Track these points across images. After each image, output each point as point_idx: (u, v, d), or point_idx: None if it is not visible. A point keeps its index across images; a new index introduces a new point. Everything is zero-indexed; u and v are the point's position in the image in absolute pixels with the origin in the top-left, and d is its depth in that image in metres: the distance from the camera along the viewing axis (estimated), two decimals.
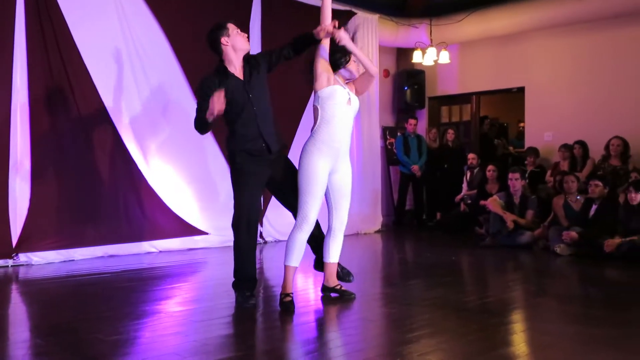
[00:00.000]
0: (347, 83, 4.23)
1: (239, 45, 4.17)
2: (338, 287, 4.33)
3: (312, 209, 4.01)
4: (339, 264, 4.38)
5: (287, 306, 3.92)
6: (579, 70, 8.52)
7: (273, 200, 7.54)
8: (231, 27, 4.19)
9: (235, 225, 4.09)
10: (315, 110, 4.08)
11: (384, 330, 3.68)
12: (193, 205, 6.91)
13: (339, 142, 4.04)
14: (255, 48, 7.47)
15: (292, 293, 4.01)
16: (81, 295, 4.54)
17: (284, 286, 4.02)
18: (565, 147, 8.02)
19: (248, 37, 4.29)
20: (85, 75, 6.08)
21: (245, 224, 4.06)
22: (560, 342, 3.30)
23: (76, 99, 6.02)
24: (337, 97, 4.04)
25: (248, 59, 4.22)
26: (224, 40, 4.15)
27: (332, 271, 4.32)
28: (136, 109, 6.48)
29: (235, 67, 4.16)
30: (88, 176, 6.13)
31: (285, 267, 4.04)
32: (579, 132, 8.11)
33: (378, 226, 8.95)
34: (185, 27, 6.80)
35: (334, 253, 4.28)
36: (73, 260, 5.88)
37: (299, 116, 7.81)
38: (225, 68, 4.15)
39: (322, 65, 4.12)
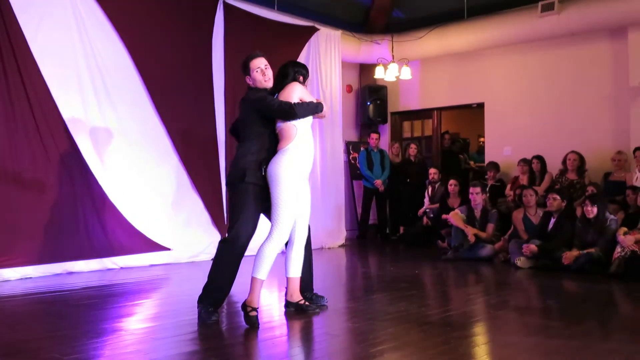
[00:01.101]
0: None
1: (258, 85, 4.26)
2: (301, 302, 4.32)
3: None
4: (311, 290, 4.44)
5: (253, 321, 3.89)
6: (536, 86, 8.74)
7: None
8: (252, 65, 4.23)
9: (231, 241, 4.02)
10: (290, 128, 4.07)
11: (348, 344, 3.68)
12: (154, 220, 6.81)
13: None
14: (219, 60, 7.47)
15: (257, 308, 3.97)
16: (38, 313, 4.42)
17: (250, 300, 3.98)
18: (524, 161, 8.20)
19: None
20: (44, 88, 5.96)
21: (243, 243, 4.02)
22: (521, 353, 3.35)
23: (34, 113, 5.88)
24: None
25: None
26: (247, 80, 4.30)
27: (294, 286, 4.30)
28: (96, 123, 6.38)
29: None
30: (47, 191, 5.99)
31: (253, 278, 4.01)
32: (537, 146, 8.30)
33: (342, 240, 8.97)
34: (146, 39, 6.76)
35: (293, 267, 4.27)
36: (30, 278, 5.73)
37: None
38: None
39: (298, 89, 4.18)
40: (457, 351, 3.41)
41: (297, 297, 4.32)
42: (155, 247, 6.75)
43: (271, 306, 4.69)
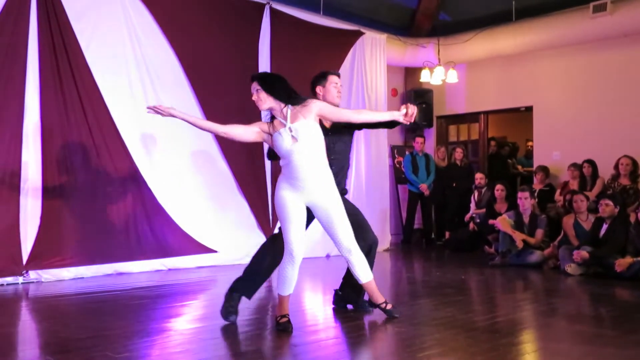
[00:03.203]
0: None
1: (329, 99, 4.34)
2: (383, 305, 4.27)
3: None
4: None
5: (285, 326, 3.90)
6: (587, 89, 8.53)
7: None
8: (331, 79, 4.40)
9: (280, 247, 4.03)
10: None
11: (394, 349, 3.66)
12: (202, 223, 6.92)
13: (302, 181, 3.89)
14: (265, 64, 7.55)
15: (287, 314, 3.96)
16: (90, 312, 4.54)
17: (279, 309, 3.99)
18: (574, 166, 8.01)
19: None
20: (97, 93, 6.15)
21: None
22: None
23: (87, 117, 6.08)
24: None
25: None
26: (318, 89, 4.40)
27: (370, 290, 4.27)
28: (146, 127, 6.53)
29: None
30: (98, 194, 6.17)
31: (279, 296, 4.02)
32: (588, 151, 8.10)
33: (386, 245, 8.93)
34: (195, 45, 6.89)
35: (358, 274, 4.17)
36: (82, 277, 5.90)
37: None
38: None
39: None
40: (505, 358, 3.35)
41: (380, 299, 4.28)
42: (203, 249, 6.86)
43: (317, 310, 4.70)
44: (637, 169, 7.43)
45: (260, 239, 7.39)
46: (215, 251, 6.96)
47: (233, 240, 7.13)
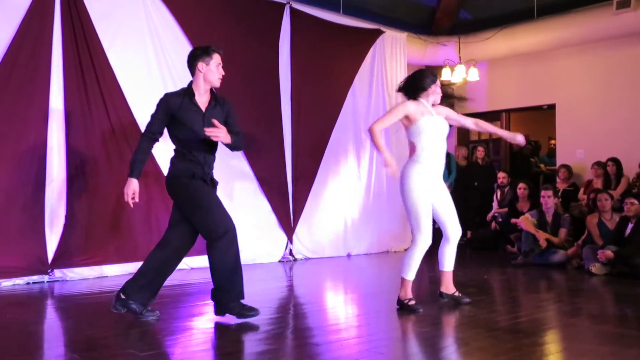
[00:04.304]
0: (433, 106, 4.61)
1: (210, 79, 4.23)
2: (455, 293, 4.65)
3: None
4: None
5: (415, 307, 4.35)
6: (611, 86, 8.42)
7: (303, 217, 7.59)
8: (216, 58, 4.24)
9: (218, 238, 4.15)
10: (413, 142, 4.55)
11: (416, 349, 3.65)
12: None
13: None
14: (285, 64, 7.57)
15: (412, 298, 4.43)
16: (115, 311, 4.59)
17: (406, 293, 4.45)
18: (598, 164, 7.92)
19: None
20: (119, 93, 6.21)
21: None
22: None
23: (110, 116, 6.15)
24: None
25: (216, 96, 4.30)
26: (200, 65, 4.20)
27: (448, 279, 4.66)
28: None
29: (201, 96, 4.22)
30: (121, 193, 6.19)
31: (403, 279, 4.48)
32: (612, 149, 8.00)
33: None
34: (215, 44, 6.86)
35: (449, 261, 4.65)
36: (107, 276, 5.97)
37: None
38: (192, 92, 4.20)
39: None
40: (529, 359, 3.32)
41: (451, 289, 4.64)
42: None
43: (339, 309, 4.70)
44: None
45: (281, 237, 7.44)
46: None
47: (255, 238, 7.16)
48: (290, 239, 7.48)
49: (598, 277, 6.16)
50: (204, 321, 4.35)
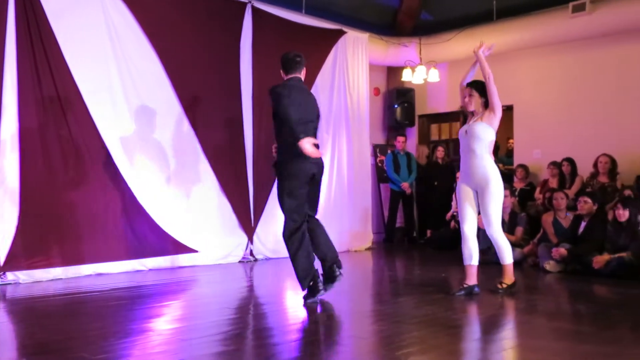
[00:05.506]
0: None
1: None
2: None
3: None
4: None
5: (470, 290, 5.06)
6: (566, 88, 8.61)
7: (263, 217, 7.55)
8: None
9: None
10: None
11: (374, 347, 3.67)
12: (183, 223, 6.88)
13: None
14: (247, 64, 7.52)
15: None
16: (68, 314, 4.49)
17: (472, 279, 5.11)
18: (553, 164, 8.08)
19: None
20: (76, 93, 6.06)
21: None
22: (550, 358, 3.30)
23: (66, 117, 6.00)
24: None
25: None
26: None
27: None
28: (127, 126, 6.47)
29: None
30: (77, 194, 6.10)
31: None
32: (568, 149, 8.18)
33: (369, 243, 8.95)
34: (175, 43, 6.85)
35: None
36: (61, 279, 5.83)
37: None
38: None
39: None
40: (485, 355, 3.37)
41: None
42: (183, 249, 6.82)
43: (295, 307, 4.69)
44: (616, 167, 7.51)
45: (241, 238, 7.38)
46: (196, 251, 6.92)
47: (214, 240, 7.11)
48: (250, 239, 7.44)
49: (553, 275, 6.30)
50: (161, 323, 4.29)
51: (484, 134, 5.11)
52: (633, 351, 3.47)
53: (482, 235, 7.25)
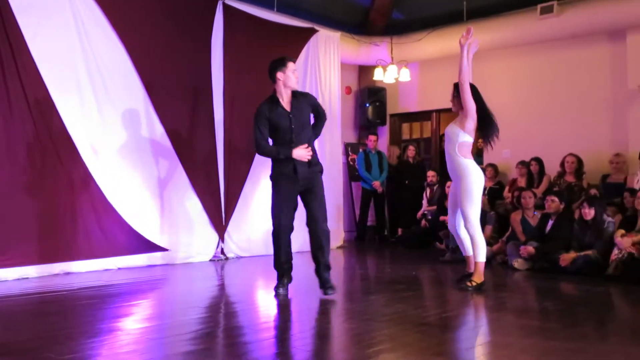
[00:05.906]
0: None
1: (290, 84, 4.83)
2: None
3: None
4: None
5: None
6: (535, 88, 8.74)
7: (234, 215, 7.52)
8: (290, 66, 4.81)
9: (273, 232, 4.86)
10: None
11: (344, 345, 3.68)
12: (153, 221, 6.81)
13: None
14: (218, 62, 7.47)
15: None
16: (35, 313, 4.41)
17: (480, 276, 5.23)
18: (522, 163, 8.20)
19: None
20: (43, 89, 5.96)
21: (276, 231, 4.84)
22: (518, 355, 3.35)
23: (32, 113, 5.89)
24: None
25: (296, 94, 4.89)
26: (279, 75, 4.79)
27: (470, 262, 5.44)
28: (95, 124, 6.38)
29: (284, 99, 4.83)
30: (45, 192, 5.98)
31: (478, 263, 5.25)
32: (536, 149, 8.30)
33: (340, 242, 8.97)
34: (145, 40, 6.76)
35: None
36: (27, 278, 5.72)
37: None
38: (277, 98, 4.82)
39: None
40: (454, 352, 3.40)
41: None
42: (153, 247, 6.76)
43: (267, 306, 4.68)
44: (582, 166, 7.65)
45: (213, 236, 7.34)
46: (167, 249, 6.86)
47: (185, 238, 7.05)
48: (221, 238, 7.39)
49: (521, 272, 6.39)
50: (130, 322, 4.24)
51: (453, 136, 5.34)
52: (598, 347, 3.54)
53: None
